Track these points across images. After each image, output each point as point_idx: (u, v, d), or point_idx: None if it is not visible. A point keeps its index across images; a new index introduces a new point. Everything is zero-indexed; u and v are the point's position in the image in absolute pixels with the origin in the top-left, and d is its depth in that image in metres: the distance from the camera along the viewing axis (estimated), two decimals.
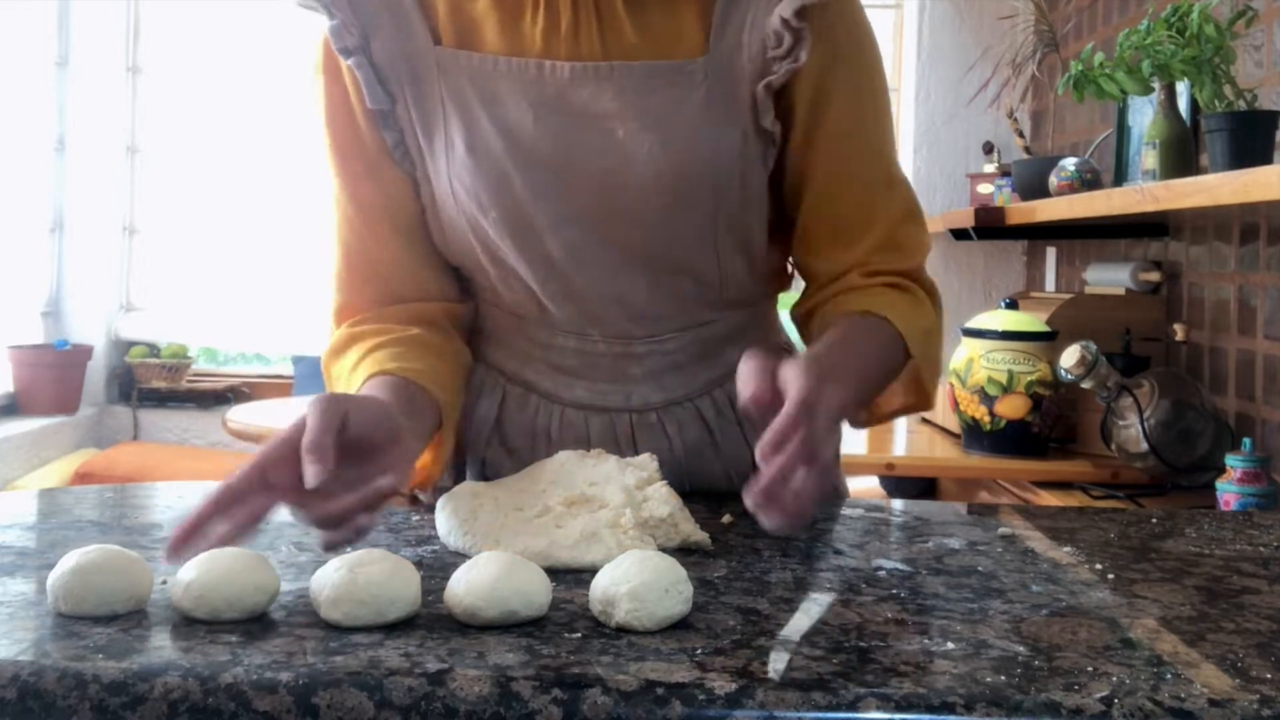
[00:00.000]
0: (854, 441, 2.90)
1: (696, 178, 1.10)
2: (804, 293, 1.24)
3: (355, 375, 1.11)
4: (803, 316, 1.22)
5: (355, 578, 0.77)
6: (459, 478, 1.22)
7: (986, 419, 2.57)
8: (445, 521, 0.99)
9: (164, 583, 0.82)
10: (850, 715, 0.66)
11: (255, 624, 0.77)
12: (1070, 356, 2.34)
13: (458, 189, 1.12)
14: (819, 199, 1.16)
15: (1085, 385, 2.36)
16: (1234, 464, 2.08)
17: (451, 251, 1.18)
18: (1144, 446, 2.30)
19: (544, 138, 1.09)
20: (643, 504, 1.00)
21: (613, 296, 1.15)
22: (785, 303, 1.30)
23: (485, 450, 1.22)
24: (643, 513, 0.98)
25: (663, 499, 1.00)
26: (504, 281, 1.17)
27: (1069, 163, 2.65)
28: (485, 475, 1.20)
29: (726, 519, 1.08)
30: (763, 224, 1.17)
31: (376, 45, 1.12)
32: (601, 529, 0.95)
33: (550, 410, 1.20)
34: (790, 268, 1.27)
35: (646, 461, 1.06)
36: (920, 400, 1.17)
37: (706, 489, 1.19)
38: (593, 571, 0.82)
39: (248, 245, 4.63)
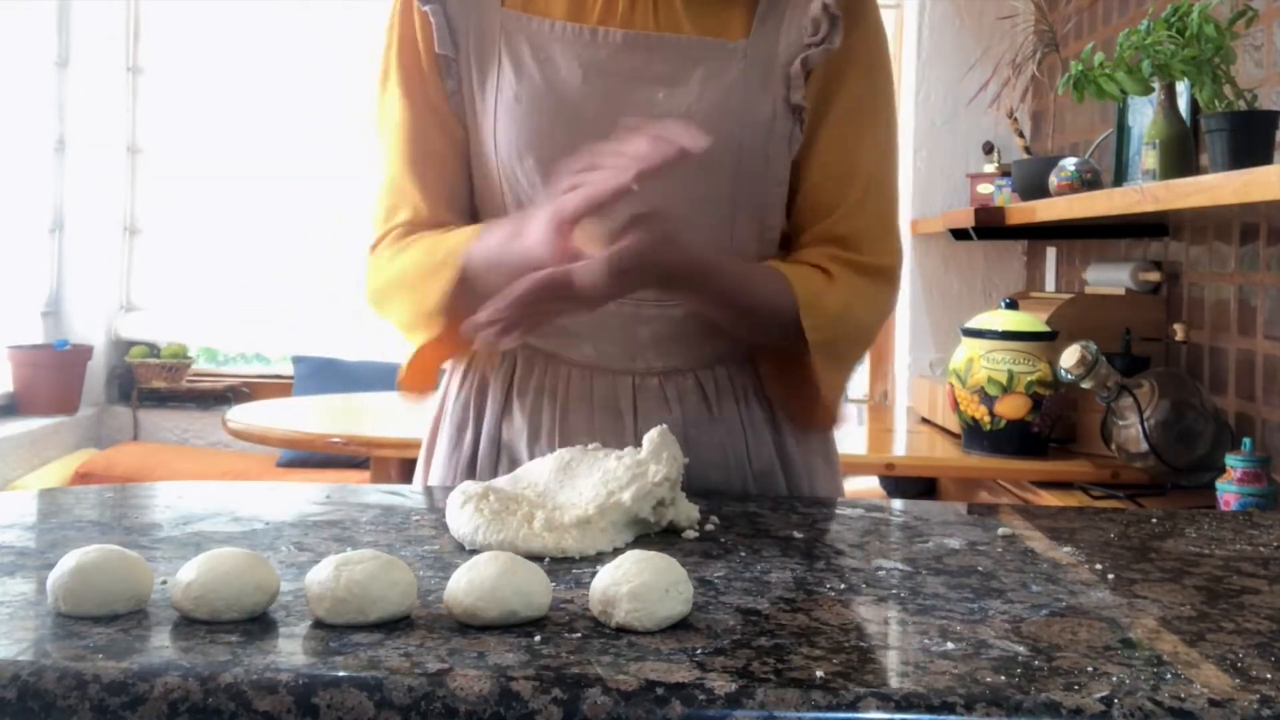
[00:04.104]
0: (854, 441, 2.90)
1: (726, 140, 1.19)
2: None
3: (453, 237, 1.19)
4: None
5: (339, 576, 0.77)
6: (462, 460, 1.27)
7: (986, 419, 2.57)
8: (469, 520, 0.99)
9: (164, 583, 0.82)
10: (850, 715, 0.66)
11: (255, 624, 0.77)
12: (1070, 356, 2.33)
13: (500, 137, 1.22)
14: (822, 169, 1.24)
15: (1085, 385, 2.36)
16: (1234, 464, 2.08)
17: (482, 199, 1.27)
18: (1144, 446, 2.30)
19: (590, 95, 1.20)
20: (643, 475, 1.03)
21: None
22: None
23: (502, 415, 1.27)
24: (637, 486, 1.02)
25: (662, 473, 1.03)
26: None
27: (1069, 163, 2.65)
28: (499, 439, 1.26)
29: (714, 520, 1.08)
30: (778, 206, 1.25)
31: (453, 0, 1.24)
32: (605, 509, 0.99)
33: (556, 370, 1.25)
34: None
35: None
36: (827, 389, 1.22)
37: (702, 470, 1.20)
38: (594, 570, 0.82)
39: (248, 245, 4.62)
